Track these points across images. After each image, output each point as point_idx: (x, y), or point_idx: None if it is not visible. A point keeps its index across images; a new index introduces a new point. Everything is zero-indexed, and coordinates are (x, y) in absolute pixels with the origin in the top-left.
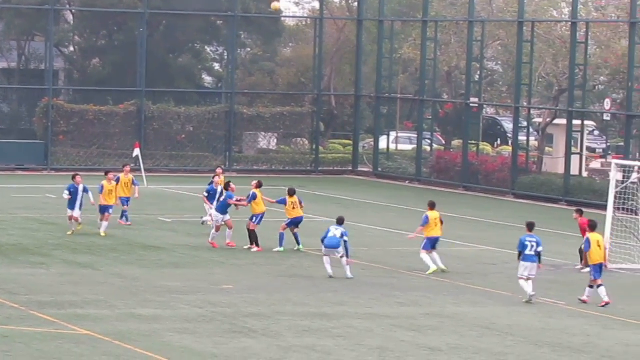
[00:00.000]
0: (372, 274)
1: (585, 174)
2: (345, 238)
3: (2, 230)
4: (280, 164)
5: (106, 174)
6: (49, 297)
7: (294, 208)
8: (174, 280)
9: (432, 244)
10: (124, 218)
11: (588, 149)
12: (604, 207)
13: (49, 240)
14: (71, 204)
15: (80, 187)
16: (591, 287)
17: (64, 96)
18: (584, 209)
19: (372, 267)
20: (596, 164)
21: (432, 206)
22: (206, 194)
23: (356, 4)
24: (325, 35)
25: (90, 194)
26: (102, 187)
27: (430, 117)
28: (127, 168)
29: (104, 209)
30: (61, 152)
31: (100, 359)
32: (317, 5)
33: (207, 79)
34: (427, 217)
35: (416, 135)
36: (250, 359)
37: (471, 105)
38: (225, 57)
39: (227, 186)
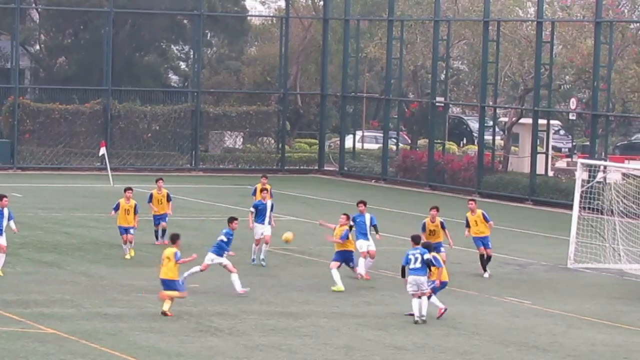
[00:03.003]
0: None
1: (551, 173)
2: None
3: None
4: (246, 162)
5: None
6: (15, 295)
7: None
8: (140, 279)
9: (341, 258)
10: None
11: (554, 148)
12: (570, 207)
13: (15, 239)
14: None
15: (5, 212)
16: None
17: (29, 95)
18: (550, 209)
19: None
20: (562, 164)
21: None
22: (253, 210)
23: (322, 3)
24: (291, 35)
25: (12, 222)
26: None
27: (396, 116)
28: (160, 183)
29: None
30: (27, 151)
31: (66, 357)
32: (283, 4)
33: (173, 78)
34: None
35: (382, 135)
36: (216, 357)
37: (437, 104)
38: (191, 56)
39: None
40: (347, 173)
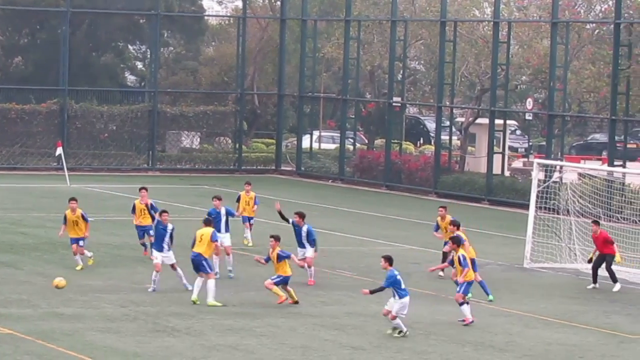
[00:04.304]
0: (295, 273)
1: (507, 173)
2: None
3: None
4: (203, 162)
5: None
6: None
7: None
8: (97, 279)
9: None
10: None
11: (510, 148)
12: (526, 207)
13: None
14: None
15: None
16: None
17: None
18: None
19: (294, 266)
20: (518, 163)
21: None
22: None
23: (279, 3)
24: (248, 35)
25: None
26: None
27: (353, 116)
28: (143, 192)
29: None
30: None
31: (23, 358)
32: (240, 4)
33: (130, 78)
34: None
35: (339, 135)
36: (173, 358)
37: (394, 104)
38: (148, 56)
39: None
40: (305, 173)
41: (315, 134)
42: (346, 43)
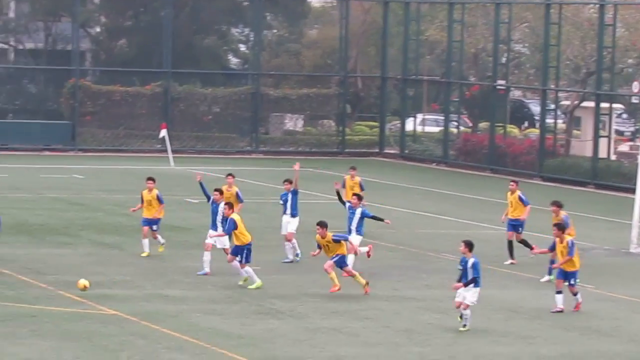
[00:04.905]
0: (398, 256)
1: (613, 157)
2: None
3: (29, 210)
4: (306, 145)
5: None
6: (76, 277)
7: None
8: (201, 261)
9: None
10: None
11: (616, 131)
12: (632, 191)
13: (76, 221)
14: None
15: None
16: None
17: (90, 77)
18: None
19: (398, 249)
20: (624, 147)
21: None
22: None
23: None
24: (351, 17)
25: None
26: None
27: (457, 99)
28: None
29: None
30: (88, 133)
31: (128, 339)
32: None
33: (233, 61)
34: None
35: (443, 118)
36: (277, 340)
37: (498, 87)
38: (251, 39)
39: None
40: (408, 156)
41: (419, 116)
42: (450, 26)
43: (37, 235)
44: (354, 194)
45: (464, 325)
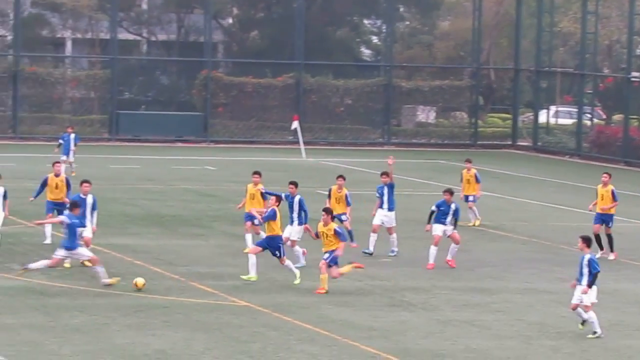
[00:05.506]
0: (531, 249)
1: None
2: None
3: (161, 202)
4: (438, 137)
5: None
6: (208, 268)
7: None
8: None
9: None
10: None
11: None
12: None
13: (208, 212)
14: None
15: (89, 199)
16: None
17: (222, 68)
18: None
19: (531, 242)
20: None
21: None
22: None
23: None
24: (484, 9)
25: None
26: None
27: (591, 92)
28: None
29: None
30: (220, 124)
31: (259, 330)
32: None
33: (366, 52)
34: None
35: (576, 110)
36: (409, 332)
37: (632, 79)
38: (384, 30)
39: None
40: (541, 148)
41: (552, 109)
42: (584, 17)
43: (168, 227)
44: (446, 190)
45: (594, 332)
